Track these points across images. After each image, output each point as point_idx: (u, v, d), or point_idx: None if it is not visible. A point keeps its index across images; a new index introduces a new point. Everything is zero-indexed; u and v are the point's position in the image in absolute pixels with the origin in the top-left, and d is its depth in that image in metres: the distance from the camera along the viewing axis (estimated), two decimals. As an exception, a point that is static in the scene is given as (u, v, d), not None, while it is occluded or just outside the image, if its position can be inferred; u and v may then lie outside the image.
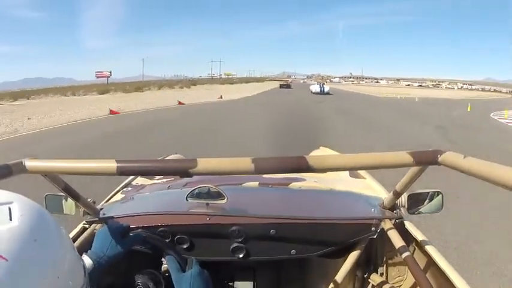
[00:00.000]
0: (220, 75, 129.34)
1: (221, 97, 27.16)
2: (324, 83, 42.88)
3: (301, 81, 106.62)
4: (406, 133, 10.52)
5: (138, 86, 40.99)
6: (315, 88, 38.38)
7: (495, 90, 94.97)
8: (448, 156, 0.75)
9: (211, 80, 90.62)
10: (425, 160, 0.79)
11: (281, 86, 54.63)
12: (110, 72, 73.73)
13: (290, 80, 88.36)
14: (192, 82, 64.40)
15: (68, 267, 0.50)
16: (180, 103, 20.77)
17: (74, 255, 0.54)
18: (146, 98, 26.00)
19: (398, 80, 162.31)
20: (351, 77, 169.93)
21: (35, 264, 0.44)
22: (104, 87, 37.56)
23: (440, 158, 0.77)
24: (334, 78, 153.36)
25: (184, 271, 0.94)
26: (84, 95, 31.82)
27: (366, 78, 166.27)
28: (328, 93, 36.45)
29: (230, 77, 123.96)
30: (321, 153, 2.64)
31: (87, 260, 0.87)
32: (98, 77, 74.25)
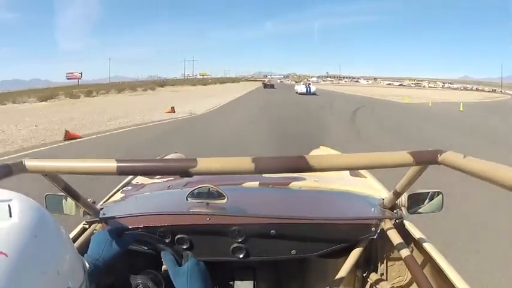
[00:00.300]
0: (195, 75, 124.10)
1: (172, 110, 15.61)
2: (309, 83, 40.48)
3: (278, 81, 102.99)
4: None
5: (90, 90, 34.99)
6: (301, 88, 35.61)
7: (477, 89, 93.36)
8: (448, 156, 0.75)
9: (184, 81, 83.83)
10: (426, 160, 0.79)
11: (265, 86, 53.73)
12: (81, 74, 71.76)
13: (267, 79, 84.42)
14: (161, 83, 57.82)
15: (68, 264, 0.50)
16: (68, 136, 9.48)
17: (73, 252, 0.54)
18: (74, 110, 17.54)
19: (375, 79, 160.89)
20: (328, 76, 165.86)
21: (36, 260, 0.44)
22: (49, 92, 31.87)
23: (440, 158, 0.77)
24: (312, 77, 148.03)
25: (180, 265, 0.94)
26: (24, 102, 25.77)
27: (345, 78, 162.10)
28: (314, 94, 33.84)
29: (205, 77, 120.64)
30: (321, 153, 2.65)
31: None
32: (68, 79, 72.01)
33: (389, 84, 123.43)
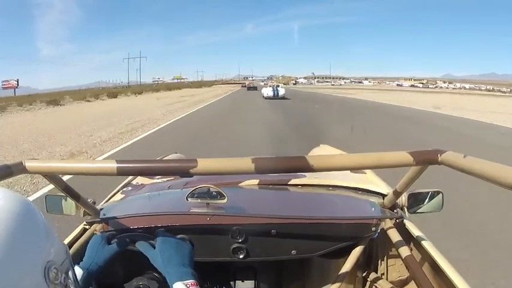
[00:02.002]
0: (159, 80, 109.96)
1: None
2: (278, 85, 32.71)
3: (262, 83, 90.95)
4: None
5: None
6: (267, 92, 29.23)
7: (494, 90, 78.88)
8: (449, 156, 0.75)
9: (126, 89, 63.67)
10: (426, 160, 0.79)
11: (248, 89, 52.07)
12: (17, 81, 63.27)
13: (247, 82, 72.27)
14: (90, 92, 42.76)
15: (49, 242, 0.54)
16: None
17: (53, 234, 0.57)
18: None
19: (366, 78, 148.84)
20: (314, 77, 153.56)
21: (19, 235, 0.48)
22: None
23: (440, 158, 0.77)
24: (299, 78, 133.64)
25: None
26: None
27: (335, 78, 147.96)
28: (284, 98, 27.85)
29: (180, 81, 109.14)
30: (321, 151, 2.68)
31: (77, 270, 0.89)
32: (4, 88, 62.01)
33: (400, 85, 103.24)
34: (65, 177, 1.12)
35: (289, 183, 1.52)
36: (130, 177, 1.77)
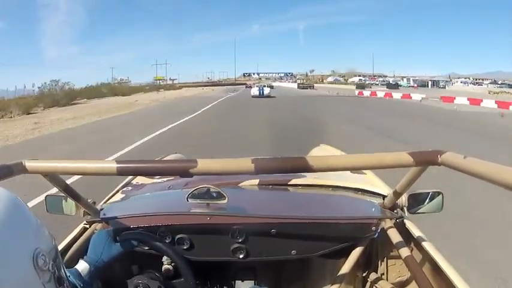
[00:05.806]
0: (119, 82, 79.28)
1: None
2: (264, 85, 34.16)
3: (273, 83, 62.94)
4: None
5: None
6: (253, 91, 31.79)
7: None
8: (449, 157, 0.75)
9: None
10: (426, 160, 0.79)
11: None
12: None
13: (251, 82, 47.25)
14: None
15: (37, 231, 0.55)
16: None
17: (39, 223, 0.58)
18: None
19: (402, 77, 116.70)
20: (336, 75, 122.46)
21: (9, 225, 0.50)
22: None
23: (440, 159, 0.77)
24: (329, 77, 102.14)
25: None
26: None
27: (382, 76, 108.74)
28: (269, 96, 29.80)
29: (162, 82, 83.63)
30: (321, 151, 2.69)
31: (83, 264, 0.91)
32: None
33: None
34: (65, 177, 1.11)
35: (289, 183, 1.51)
36: (130, 177, 1.75)
